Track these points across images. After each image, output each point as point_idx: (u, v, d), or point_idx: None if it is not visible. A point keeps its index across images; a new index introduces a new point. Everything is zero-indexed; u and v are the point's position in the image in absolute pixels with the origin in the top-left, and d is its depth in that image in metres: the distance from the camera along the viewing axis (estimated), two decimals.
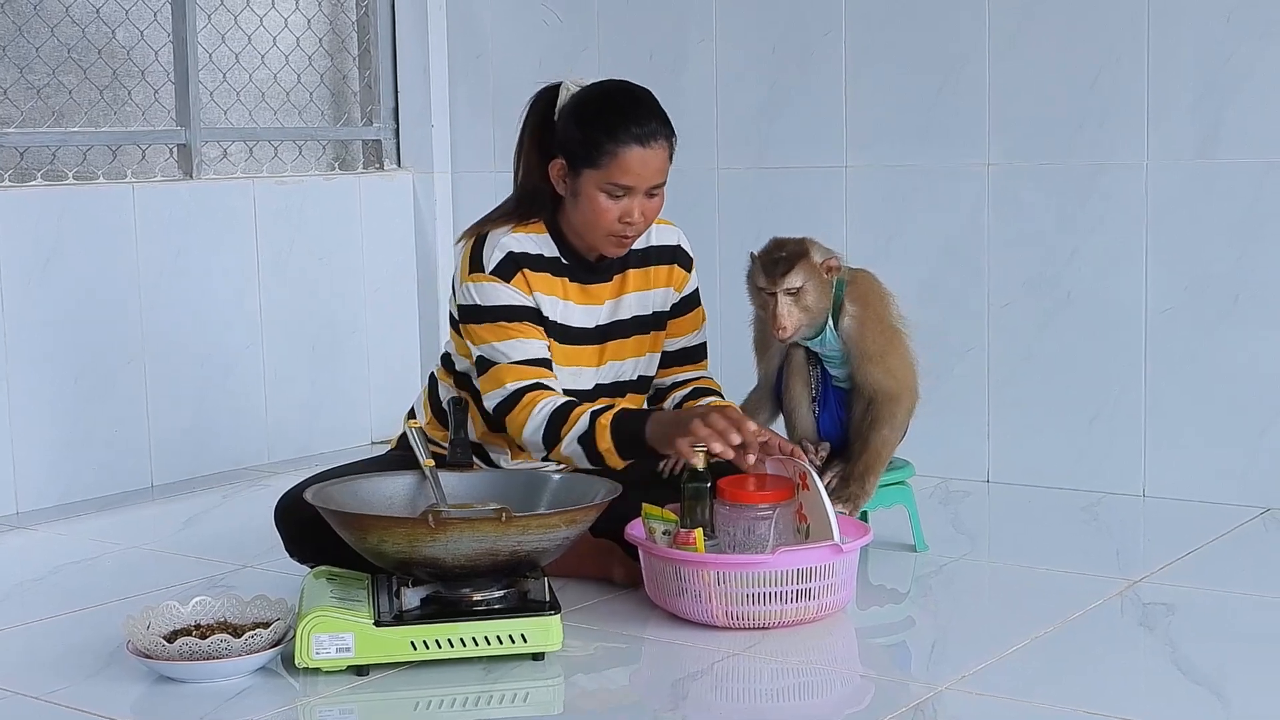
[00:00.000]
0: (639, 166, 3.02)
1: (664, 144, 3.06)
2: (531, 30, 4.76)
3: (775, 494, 2.90)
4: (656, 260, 3.27)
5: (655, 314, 3.27)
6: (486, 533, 2.60)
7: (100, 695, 2.59)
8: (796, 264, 3.10)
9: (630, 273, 3.23)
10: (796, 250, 3.13)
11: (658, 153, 3.05)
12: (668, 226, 3.30)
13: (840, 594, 2.89)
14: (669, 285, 3.29)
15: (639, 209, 3.06)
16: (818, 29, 4.25)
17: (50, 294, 4.05)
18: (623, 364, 3.24)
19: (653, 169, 3.04)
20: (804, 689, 2.65)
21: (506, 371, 3.06)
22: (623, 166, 3.02)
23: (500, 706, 2.54)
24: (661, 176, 3.07)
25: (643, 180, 3.04)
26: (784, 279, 3.10)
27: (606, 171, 3.03)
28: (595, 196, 3.05)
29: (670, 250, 3.29)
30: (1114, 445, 3.90)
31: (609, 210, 3.05)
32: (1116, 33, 3.82)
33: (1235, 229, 3.71)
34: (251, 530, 3.74)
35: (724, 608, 2.81)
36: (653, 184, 3.06)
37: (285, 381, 4.61)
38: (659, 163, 3.05)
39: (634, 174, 3.03)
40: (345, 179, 4.83)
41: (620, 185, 3.03)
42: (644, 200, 3.06)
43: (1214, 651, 2.69)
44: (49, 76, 4.26)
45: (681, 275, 3.31)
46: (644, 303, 3.25)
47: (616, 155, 3.01)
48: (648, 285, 3.25)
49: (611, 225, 3.06)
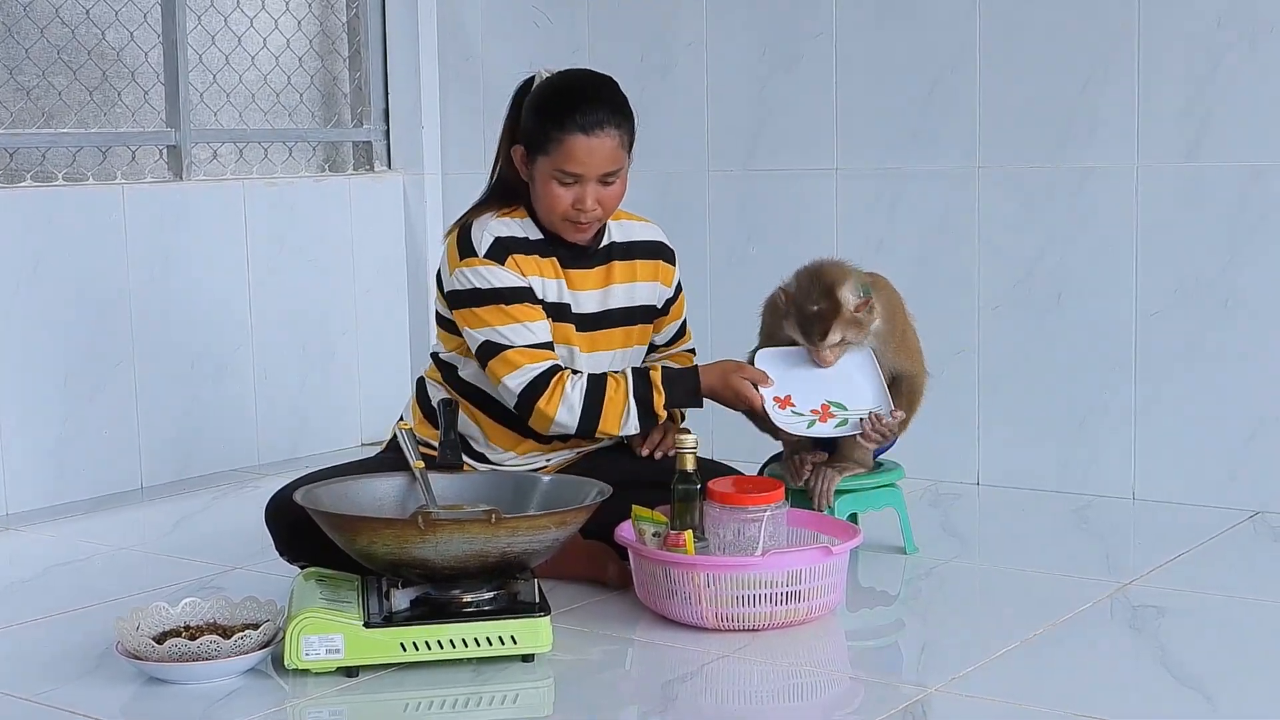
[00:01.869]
0: (585, 155, 3.07)
1: (613, 133, 3.10)
2: (522, 32, 4.76)
3: (766, 496, 2.91)
4: (643, 255, 3.31)
5: (644, 308, 3.30)
6: (476, 534, 2.60)
7: (90, 696, 2.59)
8: (832, 324, 3.15)
9: (616, 264, 3.26)
10: (830, 307, 3.15)
11: (605, 141, 3.08)
12: (648, 224, 3.36)
13: (830, 596, 2.89)
14: (657, 280, 3.32)
15: (592, 196, 3.10)
16: (808, 31, 4.25)
17: (40, 295, 4.05)
18: (609, 354, 3.25)
19: (600, 157, 3.08)
20: (794, 691, 2.65)
21: (519, 355, 3.08)
22: (569, 154, 3.07)
23: (490, 708, 2.54)
24: (612, 165, 3.11)
25: (590, 168, 3.08)
26: (823, 341, 3.16)
27: (555, 159, 3.08)
28: (549, 183, 3.10)
29: (654, 246, 3.34)
30: (1104, 448, 3.90)
31: (562, 196, 3.10)
32: (1106, 37, 3.82)
33: (1224, 232, 3.72)
34: (241, 532, 3.74)
35: (714, 610, 2.81)
36: (603, 171, 3.10)
37: (275, 383, 4.61)
38: (606, 151, 3.09)
39: (580, 162, 3.07)
40: (336, 180, 4.83)
41: (569, 173, 3.08)
42: (597, 187, 3.11)
43: (1203, 654, 2.69)
44: (38, 77, 4.25)
45: (668, 271, 3.35)
46: (632, 295, 3.28)
47: (562, 142, 3.07)
48: (634, 278, 3.28)
49: (566, 211, 3.11)
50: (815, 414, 3.18)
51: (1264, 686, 2.55)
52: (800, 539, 3.06)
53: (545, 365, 3.08)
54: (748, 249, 4.38)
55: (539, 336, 3.10)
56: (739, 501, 2.90)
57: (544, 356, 3.09)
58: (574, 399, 3.07)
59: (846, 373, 3.22)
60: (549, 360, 3.09)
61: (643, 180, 4.50)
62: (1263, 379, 3.70)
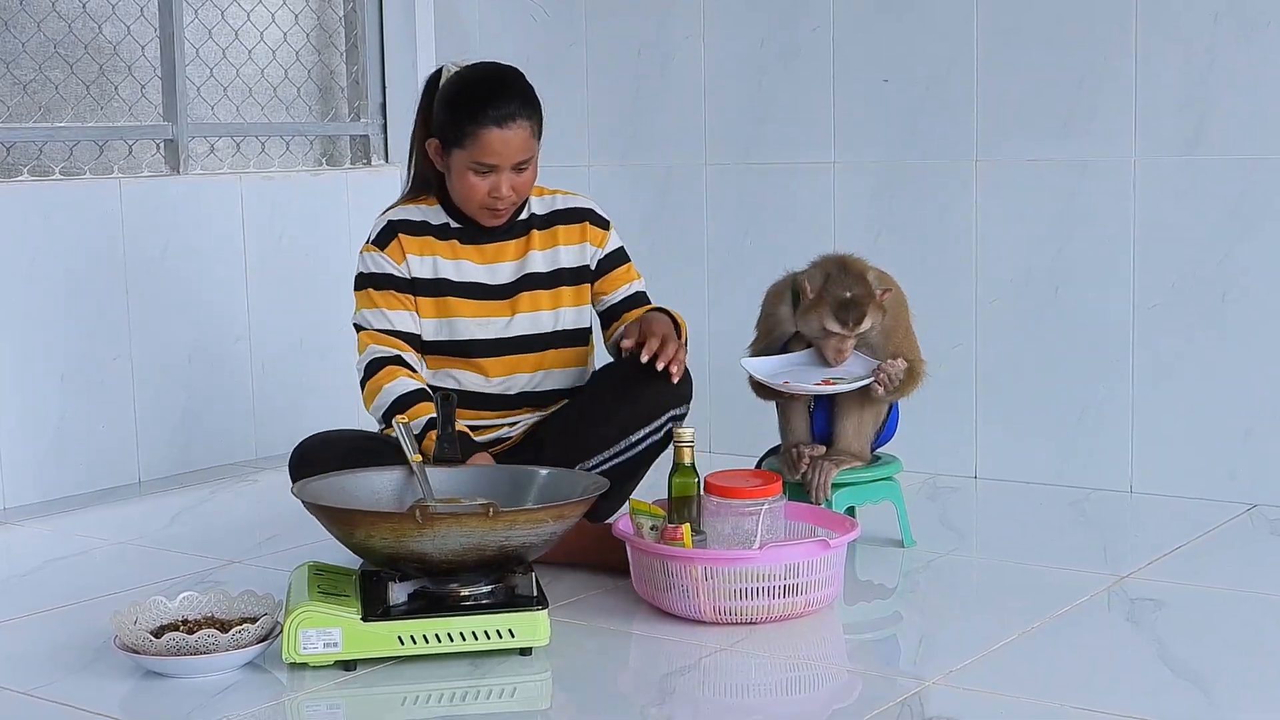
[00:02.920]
0: (500, 146, 3.19)
1: (524, 123, 3.21)
2: (518, 26, 4.76)
3: (763, 490, 2.91)
4: (564, 221, 3.42)
5: (571, 269, 3.39)
6: (474, 528, 2.60)
7: (87, 690, 2.59)
8: (867, 310, 3.19)
9: (534, 233, 3.38)
10: (865, 294, 3.20)
11: (518, 133, 3.20)
12: (575, 196, 3.48)
13: (828, 589, 2.89)
14: (584, 241, 3.41)
15: (507, 184, 3.22)
16: (806, 25, 4.25)
17: (37, 289, 4.05)
18: (537, 315, 3.34)
19: (513, 148, 3.20)
20: (791, 684, 2.65)
21: (368, 337, 3.28)
22: (484, 147, 3.19)
23: (487, 701, 2.54)
24: (525, 153, 3.22)
25: (505, 159, 3.20)
26: (858, 326, 3.19)
27: (470, 152, 3.20)
28: (465, 174, 3.23)
29: (578, 212, 3.44)
30: (1101, 441, 3.90)
31: (478, 186, 3.23)
32: (1104, 31, 3.82)
33: (1222, 226, 3.72)
34: (239, 526, 3.74)
35: (711, 603, 2.81)
36: (516, 161, 3.21)
37: (273, 377, 4.60)
38: (519, 142, 3.20)
39: (495, 153, 3.19)
40: (332, 174, 4.83)
41: (484, 164, 3.20)
42: (511, 175, 3.22)
43: (1200, 646, 2.69)
44: (35, 71, 4.25)
45: (597, 233, 3.43)
46: (554, 258, 3.38)
47: (477, 136, 3.19)
48: (555, 243, 3.39)
49: (483, 199, 3.24)
50: (818, 386, 3.22)
51: (1260, 679, 2.55)
52: (798, 532, 3.06)
53: (386, 352, 3.24)
54: (745, 242, 4.38)
55: (394, 325, 3.27)
56: (736, 495, 2.90)
57: (390, 343, 3.26)
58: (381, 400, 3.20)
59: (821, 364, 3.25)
60: (392, 349, 3.25)
61: (640, 174, 4.52)
62: (1260, 373, 3.70)
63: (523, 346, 3.33)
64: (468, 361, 3.30)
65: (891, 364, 3.20)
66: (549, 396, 3.37)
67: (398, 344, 3.27)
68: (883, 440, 3.39)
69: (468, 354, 3.30)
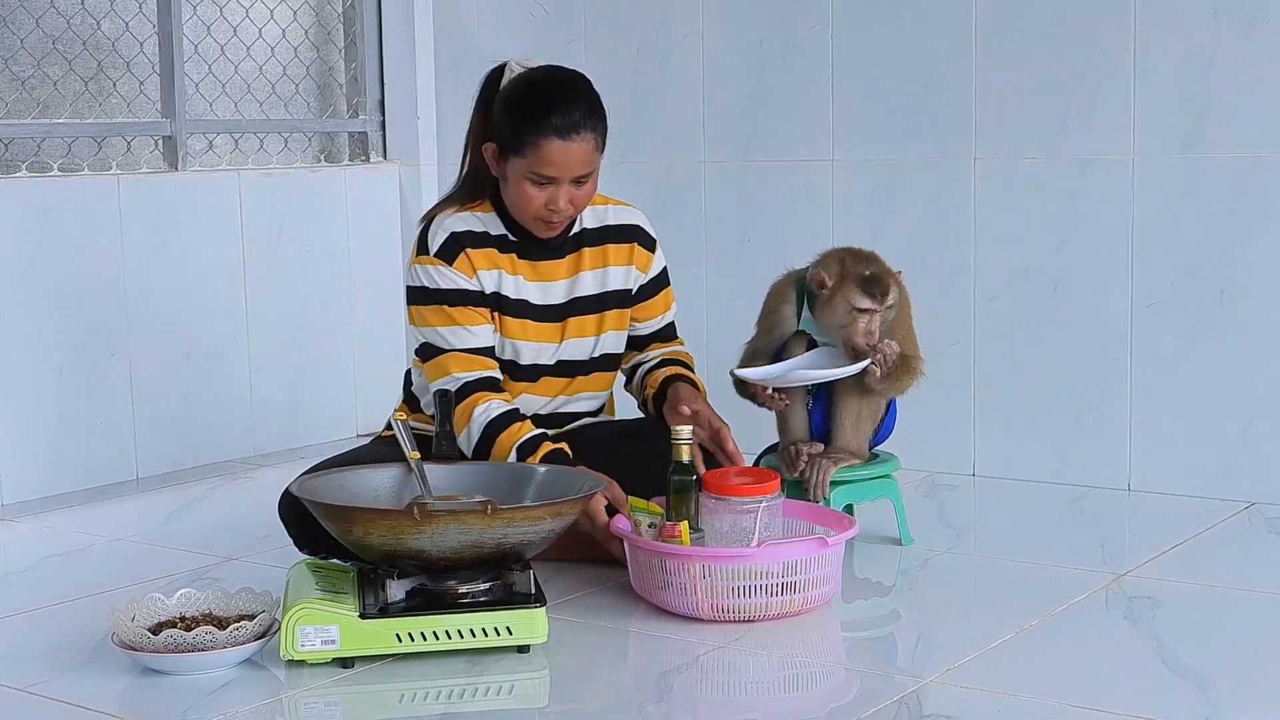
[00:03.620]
0: (560, 158, 3.05)
1: (588, 136, 3.07)
2: (518, 22, 4.75)
3: (761, 487, 2.91)
4: (614, 239, 3.29)
5: (617, 292, 3.29)
6: (472, 525, 2.60)
7: (85, 687, 2.59)
8: (891, 284, 3.20)
9: (585, 251, 3.26)
10: (885, 269, 3.21)
11: (581, 145, 3.06)
12: (626, 207, 3.34)
13: (826, 587, 2.89)
14: (630, 264, 3.30)
15: (565, 197, 3.09)
16: (805, 22, 4.25)
17: (35, 286, 4.04)
18: (583, 341, 3.26)
19: (575, 160, 3.06)
20: (789, 682, 2.65)
21: (451, 360, 3.11)
22: (544, 158, 3.05)
23: (485, 699, 2.54)
24: (586, 167, 3.09)
25: (565, 171, 3.06)
26: (885, 299, 3.18)
27: (529, 161, 3.06)
28: (521, 183, 3.09)
29: (628, 229, 3.31)
30: (1100, 439, 3.90)
31: (535, 197, 3.09)
32: (1103, 28, 3.82)
33: (1221, 224, 3.72)
34: (237, 523, 3.73)
35: (709, 601, 2.81)
36: (577, 174, 3.08)
37: (271, 374, 4.60)
38: (582, 154, 3.07)
39: (556, 165, 3.05)
40: (331, 171, 4.83)
41: (543, 175, 3.06)
42: (570, 188, 3.09)
43: (1198, 645, 2.69)
44: (33, 68, 4.25)
45: (644, 255, 3.33)
46: (602, 280, 3.27)
47: (538, 146, 3.04)
48: (605, 263, 3.27)
49: (538, 211, 3.10)
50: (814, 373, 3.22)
51: (1258, 677, 2.55)
52: (796, 530, 3.06)
53: (476, 375, 3.10)
54: (744, 240, 4.38)
55: (479, 341, 3.12)
56: (734, 492, 2.90)
57: (478, 365, 3.11)
58: (474, 429, 3.08)
59: (823, 365, 3.24)
60: (482, 370, 3.11)
61: (639, 172, 4.52)
62: (1259, 371, 3.70)
63: (559, 371, 3.25)
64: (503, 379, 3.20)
65: (887, 344, 3.19)
66: (567, 418, 3.31)
67: (486, 363, 3.12)
68: (881, 438, 3.39)
69: (511, 375, 3.20)
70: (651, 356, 3.39)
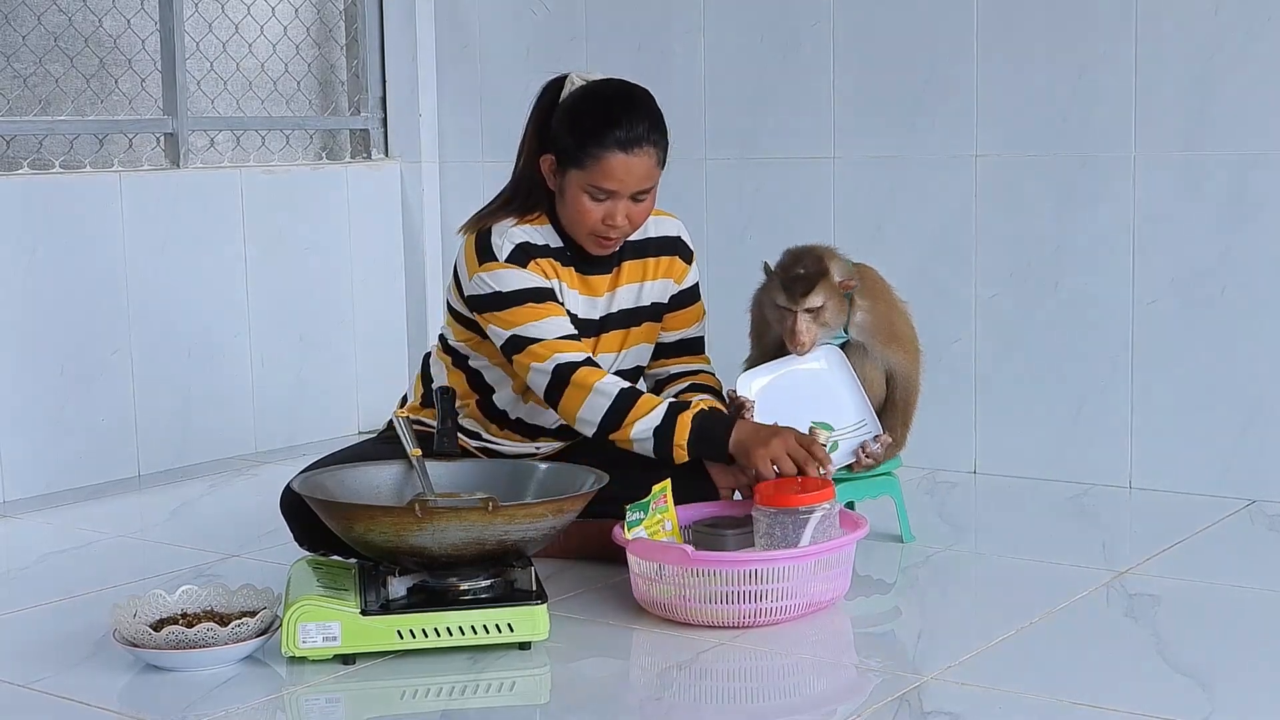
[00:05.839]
0: (622, 173, 3.01)
1: (651, 150, 3.03)
2: (519, 20, 4.76)
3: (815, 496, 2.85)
4: (656, 252, 3.25)
5: (652, 305, 3.26)
6: (473, 522, 2.60)
7: (86, 684, 2.59)
8: (817, 284, 3.13)
9: (626, 265, 3.22)
10: (816, 270, 3.15)
11: (643, 160, 3.02)
12: (667, 218, 3.29)
13: (836, 584, 2.88)
14: (669, 277, 3.27)
15: (623, 212, 3.04)
16: (806, 19, 4.25)
17: (36, 283, 4.05)
18: (614, 355, 3.23)
19: (637, 175, 3.02)
20: (790, 679, 2.65)
21: (548, 347, 3.02)
22: (605, 171, 3.00)
23: (486, 695, 2.54)
24: (647, 182, 3.05)
25: (626, 186, 3.02)
26: (804, 299, 3.13)
27: (590, 174, 3.01)
28: (579, 197, 3.04)
29: (671, 242, 3.28)
30: (1100, 437, 3.91)
31: (592, 211, 3.04)
32: (1104, 25, 3.82)
33: (1222, 221, 3.72)
34: (238, 519, 3.74)
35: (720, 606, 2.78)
36: (637, 190, 3.04)
37: (272, 371, 4.60)
38: (644, 170, 3.03)
39: (617, 179, 3.01)
40: (332, 168, 4.83)
41: (603, 189, 3.02)
42: (629, 204, 3.05)
43: (1199, 642, 2.70)
44: (35, 65, 4.25)
45: (681, 268, 3.30)
46: (640, 295, 3.24)
47: (600, 159, 3.00)
48: (644, 277, 3.24)
49: (595, 226, 3.05)
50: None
51: (1259, 674, 2.56)
52: None
53: (576, 356, 3.02)
54: (745, 237, 4.38)
55: (570, 330, 3.06)
56: (787, 503, 2.84)
57: (576, 347, 3.05)
58: (600, 400, 2.99)
59: (826, 385, 3.23)
60: (581, 351, 3.04)
61: None
62: (1259, 368, 3.70)
63: None
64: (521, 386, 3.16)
65: (867, 449, 3.20)
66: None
67: (581, 347, 3.05)
68: None
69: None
70: (679, 379, 3.32)
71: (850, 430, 3.23)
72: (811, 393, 3.21)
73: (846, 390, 3.24)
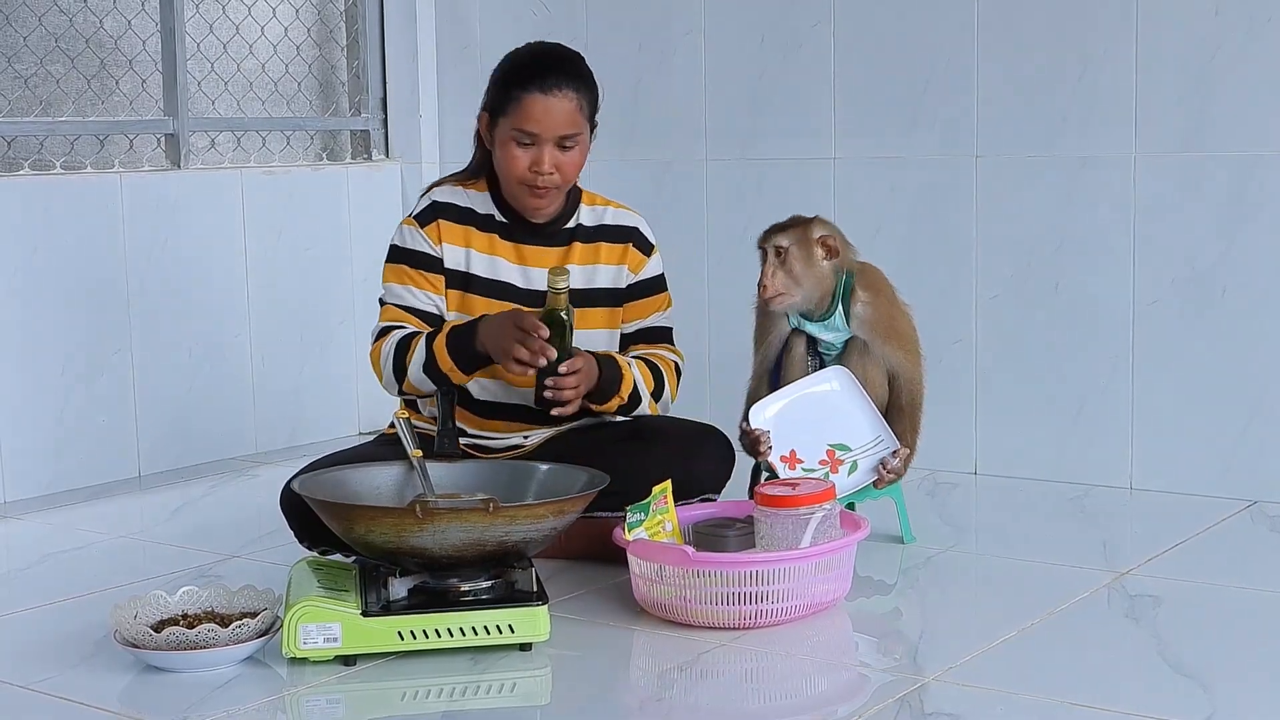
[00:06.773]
0: (541, 113, 3.11)
1: (570, 94, 3.14)
2: (519, 21, 4.75)
3: (815, 496, 2.87)
4: (610, 238, 3.32)
5: (605, 290, 3.29)
6: (474, 523, 2.60)
7: (87, 684, 2.59)
8: (790, 228, 3.24)
9: (577, 245, 3.29)
10: (799, 219, 3.27)
11: (562, 103, 3.13)
12: (629, 212, 3.38)
13: (838, 584, 2.88)
14: (622, 264, 3.31)
15: (549, 159, 3.13)
16: (806, 20, 4.25)
17: (37, 283, 4.05)
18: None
19: (556, 117, 3.12)
20: (791, 680, 2.65)
21: (386, 312, 3.21)
22: (526, 112, 3.12)
23: (487, 697, 2.54)
24: (570, 128, 3.14)
25: (547, 128, 3.12)
26: (772, 236, 3.24)
27: (513, 118, 3.13)
28: (507, 144, 3.15)
29: (626, 231, 3.34)
30: (1101, 438, 3.91)
31: (519, 158, 3.14)
32: (1104, 25, 3.82)
33: (1222, 222, 3.72)
34: (239, 520, 3.74)
35: (715, 607, 2.78)
36: (560, 134, 3.13)
37: (273, 371, 4.61)
38: (564, 114, 3.13)
39: (536, 120, 3.11)
40: (333, 169, 4.83)
41: (526, 132, 3.12)
42: (555, 152, 3.14)
43: (1199, 643, 2.70)
44: (36, 65, 4.25)
45: (637, 257, 3.33)
46: (592, 277, 3.28)
47: (520, 100, 3.12)
48: (596, 260, 3.29)
49: (522, 174, 3.15)
50: (824, 464, 3.25)
51: (1260, 675, 2.56)
52: None
53: (407, 328, 3.15)
54: (745, 238, 4.37)
55: (418, 304, 3.20)
56: (788, 504, 2.86)
57: (403, 318, 3.18)
58: (386, 353, 3.14)
59: (837, 406, 3.26)
60: (417, 328, 3.17)
61: (640, 169, 4.52)
62: (1259, 368, 3.70)
63: None
64: None
65: (887, 465, 3.26)
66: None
67: (417, 323, 3.19)
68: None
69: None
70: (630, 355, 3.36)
71: (867, 448, 3.26)
72: (824, 415, 3.25)
73: (859, 409, 3.26)
